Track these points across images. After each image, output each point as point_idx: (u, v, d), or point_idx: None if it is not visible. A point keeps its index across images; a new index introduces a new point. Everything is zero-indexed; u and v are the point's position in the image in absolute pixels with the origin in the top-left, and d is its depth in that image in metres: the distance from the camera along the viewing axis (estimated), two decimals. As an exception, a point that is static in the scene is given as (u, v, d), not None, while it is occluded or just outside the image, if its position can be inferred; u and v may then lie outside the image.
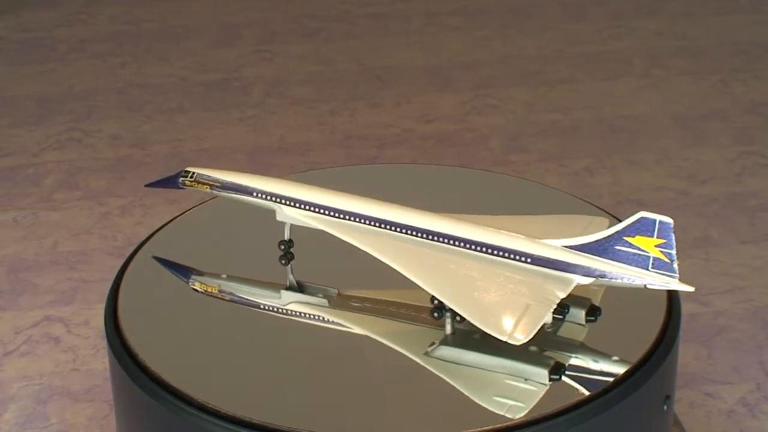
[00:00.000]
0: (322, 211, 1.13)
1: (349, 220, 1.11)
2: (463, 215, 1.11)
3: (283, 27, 3.02)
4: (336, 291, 1.15)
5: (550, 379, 1.03)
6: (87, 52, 2.89)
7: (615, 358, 1.06)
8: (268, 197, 1.15)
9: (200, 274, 1.18)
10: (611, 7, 3.10)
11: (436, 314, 1.08)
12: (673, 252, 1.03)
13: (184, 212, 1.32)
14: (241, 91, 2.67)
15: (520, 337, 1.01)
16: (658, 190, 2.21)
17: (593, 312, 1.09)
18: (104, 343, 1.12)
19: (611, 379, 1.04)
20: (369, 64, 2.79)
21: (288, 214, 1.14)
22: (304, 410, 1.00)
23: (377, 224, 1.10)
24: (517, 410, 1.00)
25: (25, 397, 1.71)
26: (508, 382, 1.03)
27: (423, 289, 1.07)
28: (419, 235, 1.09)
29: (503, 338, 1.01)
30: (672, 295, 1.12)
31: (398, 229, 1.10)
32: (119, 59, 2.85)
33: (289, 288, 1.16)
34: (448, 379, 1.04)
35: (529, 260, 1.06)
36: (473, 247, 1.08)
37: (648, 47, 2.87)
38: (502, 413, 1.00)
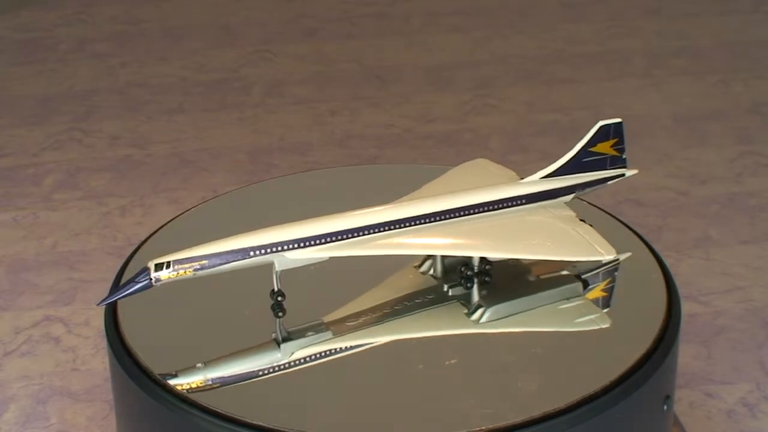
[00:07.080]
0: (333, 238, 1.05)
1: (361, 235, 1.06)
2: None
3: (283, 27, 3.02)
4: (322, 321, 1.09)
5: (584, 290, 1.11)
6: (87, 52, 2.89)
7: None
8: (268, 250, 1.03)
9: (174, 375, 1.03)
10: (611, 7, 3.10)
11: (469, 284, 1.11)
12: (624, 146, 1.17)
13: (183, 212, 1.32)
14: (240, 91, 2.67)
15: (610, 251, 1.11)
16: (658, 190, 2.21)
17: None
18: (104, 343, 1.12)
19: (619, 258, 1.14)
20: (369, 64, 2.79)
21: (294, 258, 1.04)
22: (306, 411, 1.00)
23: (387, 227, 1.08)
24: (600, 321, 1.09)
25: (25, 397, 1.71)
26: (561, 307, 1.10)
27: (405, 281, 1.09)
28: (425, 221, 1.10)
29: (602, 258, 1.10)
30: (672, 295, 1.12)
31: (407, 225, 1.09)
32: (119, 59, 2.85)
33: (284, 340, 1.07)
34: (526, 329, 1.08)
35: (524, 201, 1.13)
36: (474, 210, 1.11)
37: (648, 47, 2.87)
38: (596, 327, 1.08)
